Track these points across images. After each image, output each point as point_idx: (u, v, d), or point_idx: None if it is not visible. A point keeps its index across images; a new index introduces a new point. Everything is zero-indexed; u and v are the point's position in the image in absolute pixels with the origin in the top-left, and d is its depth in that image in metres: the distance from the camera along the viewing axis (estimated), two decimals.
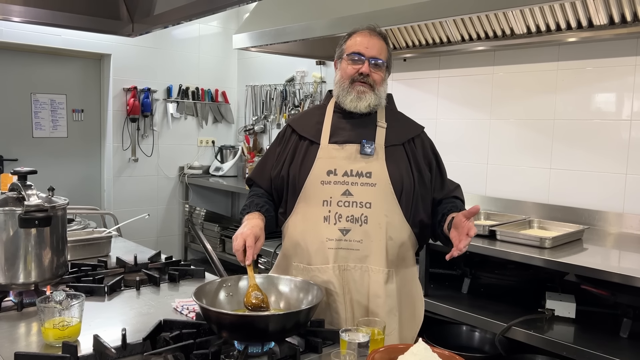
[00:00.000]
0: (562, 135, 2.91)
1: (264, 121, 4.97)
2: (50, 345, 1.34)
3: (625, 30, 2.40)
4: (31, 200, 1.58)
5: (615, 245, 2.50)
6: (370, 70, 1.65)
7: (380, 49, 1.67)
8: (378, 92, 1.67)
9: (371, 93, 1.66)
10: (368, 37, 1.68)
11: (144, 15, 2.44)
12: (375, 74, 1.66)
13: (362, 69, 1.65)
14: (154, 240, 4.89)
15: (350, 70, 1.67)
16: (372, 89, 1.66)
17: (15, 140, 4.37)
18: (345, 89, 1.68)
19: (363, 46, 1.66)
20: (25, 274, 1.61)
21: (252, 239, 1.53)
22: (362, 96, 1.65)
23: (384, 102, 1.72)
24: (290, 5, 3.31)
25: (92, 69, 4.73)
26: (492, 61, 3.18)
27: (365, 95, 1.65)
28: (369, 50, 1.66)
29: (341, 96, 1.69)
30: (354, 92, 1.66)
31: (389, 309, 1.62)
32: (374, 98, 1.66)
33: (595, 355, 1.97)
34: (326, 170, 1.64)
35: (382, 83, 1.68)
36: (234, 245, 1.53)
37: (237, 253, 1.53)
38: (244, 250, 1.52)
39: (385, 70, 1.70)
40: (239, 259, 1.54)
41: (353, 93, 1.66)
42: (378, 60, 1.66)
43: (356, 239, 1.61)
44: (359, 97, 1.66)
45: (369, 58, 1.65)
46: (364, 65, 1.65)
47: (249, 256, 1.51)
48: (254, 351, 1.30)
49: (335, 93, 1.73)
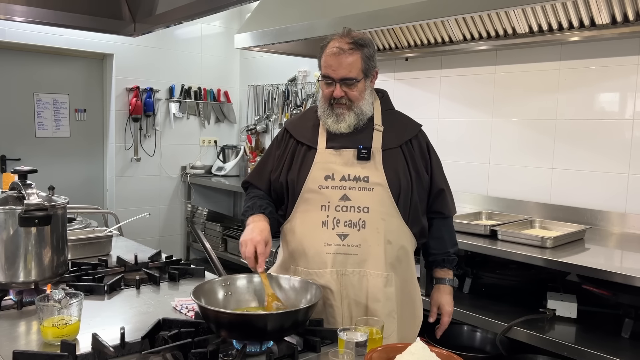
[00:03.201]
0: (564, 134, 2.90)
1: (266, 121, 4.97)
2: (49, 343, 1.34)
3: (628, 29, 2.39)
4: (31, 199, 1.58)
5: (617, 245, 2.49)
6: (344, 90, 1.62)
7: (349, 65, 1.59)
8: (358, 108, 1.64)
9: (349, 113, 1.64)
10: (335, 57, 1.59)
11: (145, 14, 2.44)
12: (350, 92, 1.62)
13: (335, 93, 1.62)
14: (156, 240, 4.90)
15: (327, 93, 1.65)
16: (350, 108, 1.64)
17: (18, 140, 4.38)
18: (325, 111, 1.67)
19: (331, 69, 1.61)
20: (25, 273, 1.61)
21: (263, 246, 1.52)
22: (341, 118, 1.64)
23: (368, 114, 1.68)
24: (293, 4, 3.31)
25: (94, 68, 4.74)
26: (494, 61, 3.17)
27: (344, 117, 1.64)
28: (336, 72, 1.60)
29: (323, 118, 1.68)
30: (333, 116, 1.65)
31: (388, 312, 1.62)
32: (353, 117, 1.64)
33: (596, 355, 1.96)
34: (324, 175, 1.64)
35: (361, 97, 1.64)
36: (245, 251, 1.52)
37: (248, 260, 1.52)
38: (254, 257, 1.51)
39: (363, 82, 1.64)
40: (250, 266, 1.52)
41: (332, 116, 1.65)
42: (348, 81, 1.61)
43: (354, 243, 1.60)
44: (337, 120, 1.64)
45: (338, 80, 1.61)
46: (336, 89, 1.61)
47: (262, 264, 1.50)
48: (253, 350, 1.30)
49: (319, 114, 1.71)
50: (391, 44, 3.35)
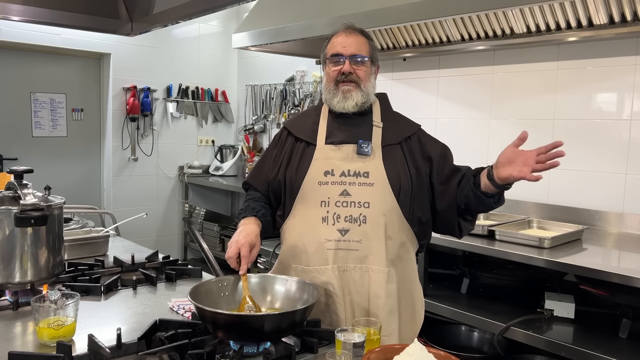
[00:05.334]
0: (562, 135, 2.90)
1: (264, 121, 4.96)
2: (45, 344, 1.34)
3: (626, 29, 2.39)
4: (27, 199, 1.58)
5: (614, 245, 2.49)
6: (353, 67, 1.64)
7: (359, 44, 1.65)
8: (365, 88, 1.65)
9: (357, 91, 1.64)
10: (345, 36, 1.66)
11: (143, 14, 2.44)
12: (359, 70, 1.64)
13: (344, 69, 1.63)
14: (153, 240, 4.89)
15: (333, 73, 1.66)
16: (357, 86, 1.65)
17: (15, 140, 4.37)
18: (331, 91, 1.67)
19: (341, 46, 1.65)
20: (21, 273, 1.60)
21: (247, 249, 1.52)
22: (347, 95, 1.64)
23: (372, 98, 1.70)
24: (290, 4, 3.30)
25: (91, 68, 4.73)
26: (492, 61, 3.17)
27: (351, 94, 1.64)
28: (346, 48, 1.64)
29: (329, 99, 1.68)
30: (340, 93, 1.65)
31: (390, 309, 1.61)
32: (360, 95, 1.65)
33: (594, 355, 1.96)
34: (323, 171, 1.63)
35: (367, 78, 1.66)
36: (227, 252, 1.52)
37: (229, 261, 1.52)
38: (237, 259, 1.51)
39: (370, 65, 1.67)
40: (232, 267, 1.53)
41: (339, 94, 1.65)
42: (358, 57, 1.64)
43: (355, 239, 1.59)
44: (344, 97, 1.64)
45: (348, 56, 1.64)
46: (345, 64, 1.64)
47: (244, 267, 1.50)
48: (250, 351, 1.29)
49: (324, 98, 1.72)
50: (389, 44, 3.35)
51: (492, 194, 1.58)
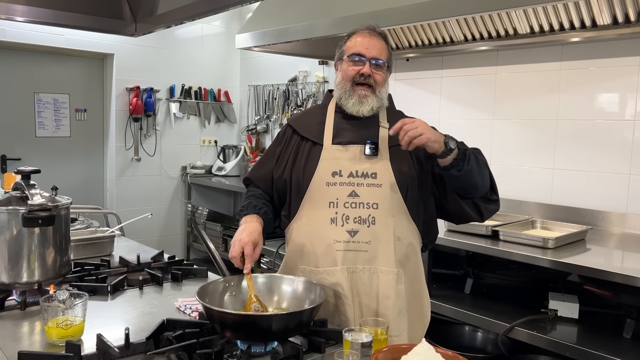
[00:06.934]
0: (565, 135, 2.90)
1: (267, 121, 4.97)
2: (53, 344, 1.34)
3: (629, 30, 2.39)
4: (34, 199, 1.58)
5: (618, 245, 2.50)
6: (372, 70, 1.64)
7: (381, 49, 1.66)
8: (380, 94, 1.66)
9: (373, 96, 1.65)
10: (368, 38, 1.66)
11: (146, 14, 2.44)
12: (377, 74, 1.65)
13: (364, 70, 1.63)
14: (156, 240, 4.90)
15: (351, 72, 1.65)
16: (373, 91, 1.65)
17: (19, 140, 4.38)
18: (347, 91, 1.66)
19: (364, 47, 1.64)
20: (28, 273, 1.61)
21: (251, 247, 1.52)
22: (364, 100, 1.64)
23: (385, 103, 1.71)
24: (293, 5, 3.31)
25: (95, 68, 4.74)
26: (495, 61, 3.18)
27: (367, 100, 1.64)
28: (369, 50, 1.64)
29: (343, 99, 1.67)
30: (356, 96, 1.64)
31: (399, 310, 1.61)
32: (376, 101, 1.65)
33: (598, 355, 1.96)
34: (331, 172, 1.63)
35: (383, 84, 1.67)
36: (231, 251, 1.52)
37: (233, 260, 1.52)
38: (241, 257, 1.51)
39: (386, 71, 1.68)
40: (236, 266, 1.53)
41: (355, 97, 1.65)
42: (379, 61, 1.64)
43: (364, 240, 1.59)
44: (360, 102, 1.64)
45: (370, 59, 1.64)
46: (365, 66, 1.63)
47: (248, 265, 1.50)
48: (257, 351, 1.30)
49: (336, 95, 1.71)
50: (392, 44, 3.35)
51: (448, 166, 1.55)
